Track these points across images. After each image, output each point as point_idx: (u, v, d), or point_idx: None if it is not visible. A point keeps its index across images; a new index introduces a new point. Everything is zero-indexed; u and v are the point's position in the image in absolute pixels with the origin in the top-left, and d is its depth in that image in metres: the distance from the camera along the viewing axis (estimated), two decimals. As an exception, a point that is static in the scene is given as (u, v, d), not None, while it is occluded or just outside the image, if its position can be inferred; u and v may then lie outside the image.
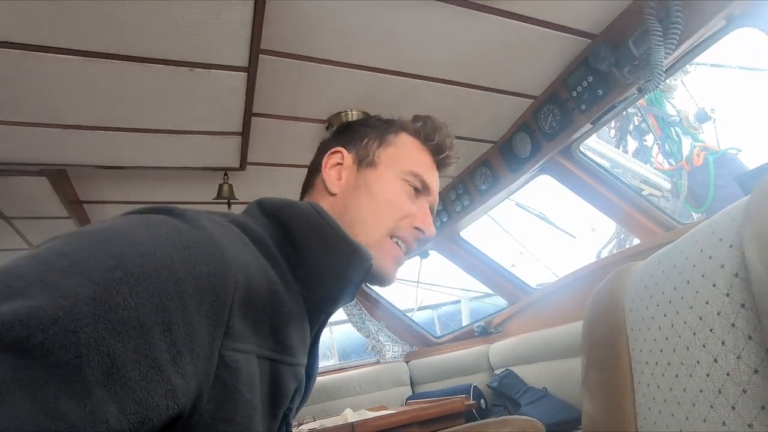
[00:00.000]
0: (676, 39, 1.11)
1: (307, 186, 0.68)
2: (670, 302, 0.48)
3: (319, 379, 2.77)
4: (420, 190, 0.64)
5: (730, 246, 0.46)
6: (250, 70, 1.19)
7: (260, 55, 1.18)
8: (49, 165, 1.50)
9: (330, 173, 0.64)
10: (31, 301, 0.28)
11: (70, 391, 0.27)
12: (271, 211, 0.52)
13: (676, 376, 0.45)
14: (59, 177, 1.59)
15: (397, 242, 0.60)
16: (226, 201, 1.70)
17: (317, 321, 0.54)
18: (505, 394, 2.18)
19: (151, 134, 1.42)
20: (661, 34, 1.10)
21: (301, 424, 1.87)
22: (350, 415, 1.67)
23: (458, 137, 1.82)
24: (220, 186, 1.70)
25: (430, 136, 0.68)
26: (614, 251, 2.95)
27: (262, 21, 1.04)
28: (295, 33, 1.16)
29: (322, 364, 3.09)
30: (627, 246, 2.75)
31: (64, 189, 1.65)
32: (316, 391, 2.67)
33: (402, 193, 0.62)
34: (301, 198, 0.68)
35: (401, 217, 0.61)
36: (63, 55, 1.05)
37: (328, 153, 0.66)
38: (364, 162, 0.64)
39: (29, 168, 1.48)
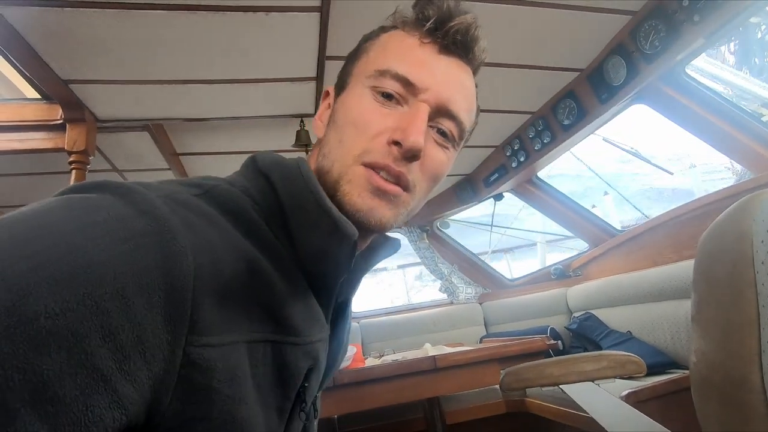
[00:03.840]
0: None
1: None
2: (821, 229, 0.42)
3: (395, 317, 2.94)
4: (397, 93, 0.47)
5: None
6: (323, 9, 1.17)
7: (332, -8, 1.14)
8: (150, 119, 1.64)
9: (318, 118, 0.54)
10: None
11: None
12: (262, 170, 0.46)
13: (823, 310, 0.40)
14: (158, 131, 1.74)
15: (373, 169, 0.46)
16: (305, 146, 1.76)
17: (327, 294, 0.48)
18: (586, 336, 2.15)
19: (233, 84, 1.48)
20: None
21: (383, 356, 2.01)
22: (430, 349, 1.75)
23: (539, 67, 1.69)
24: (298, 132, 1.75)
25: (421, 14, 0.49)
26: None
27: (334, -47, 1.00)
28: (366, -37, 1.11)
29: (394, 304, 3.24)
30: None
31: (163, 142, 1.80)
32: (393, 327, 2.83)
33: (368, 106, 0.47)
34: None
35: (370, 137, 0.46)
36: (151, 11, 1.10)
37: (321, 98, 0.56)
38: (339, 90, 0.52)
39: (134, 124, 1.63)
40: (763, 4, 1.32)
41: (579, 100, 1.79)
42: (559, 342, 2.32)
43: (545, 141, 2.01)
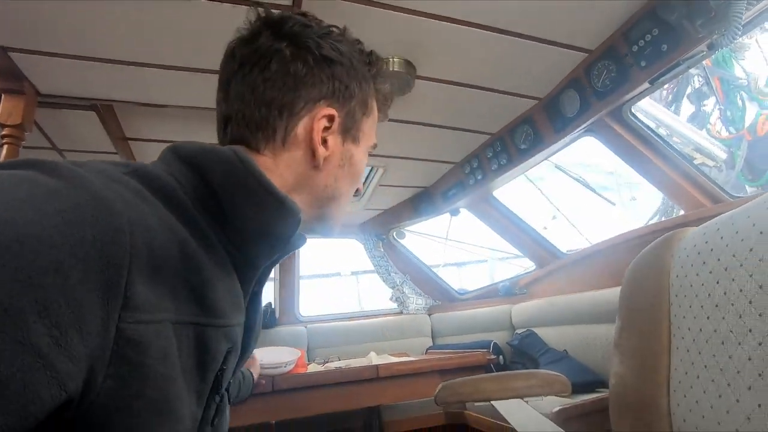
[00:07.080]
0: (764, -12, 0.99)
1: (260, 126, 0.53)
2: (725, 269, 0.47)
3: (343, 323, 2.93)
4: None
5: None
6: (293, 9, 1.16)
7: (304, -6, 1.14)
8: (98, 100, 1.54)
9: (319, 141, 0.54)
10: None
11: None
12: (185, 157, 0.45)
13: (722, 343, 0.44)
14: (107, 113, 1.64)
15: None
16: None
17: (250, 277, 0.50)
18: (525, 352, 2.23)
19: (194, 73, 1.42)
20: (747, -19, 0.98)
21: (327, 362, 1.99)
22: (374, 358, 1.75)
23: (500, 91, 1.76)
24: (258, 130, 1.71)
25: (387, 97, 0.67)
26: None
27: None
28: (341, -30, 1.11)
29: (347, 309, 3.22)
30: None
31: (111, 125, 1.70)
32: (341, 334, 2.80)
33: (365, 166, 0.64)
34: (236, 140, 0.54)
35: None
36: (111, -13, 1.05)
37: (320, 115, 0.54)
38: (349, 135, 0.58)
39: (80, 102, 1.53)
40: (703, 57, 1.44)
41: (536, 126, 1.87)
42: (501, 357, 2.41)
43: (502, 162, 2.09)
